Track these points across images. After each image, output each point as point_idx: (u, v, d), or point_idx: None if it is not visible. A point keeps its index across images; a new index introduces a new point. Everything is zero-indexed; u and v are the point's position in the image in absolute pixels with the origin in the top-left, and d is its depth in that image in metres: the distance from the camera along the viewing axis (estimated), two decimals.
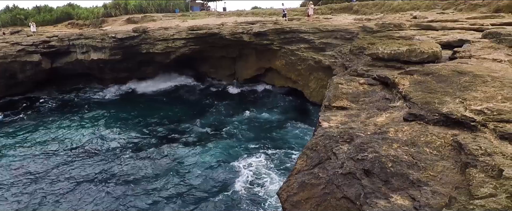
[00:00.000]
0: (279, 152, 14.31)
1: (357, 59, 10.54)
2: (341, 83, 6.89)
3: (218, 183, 12.10)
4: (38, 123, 18.99)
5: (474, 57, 7.07)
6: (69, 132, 17.50)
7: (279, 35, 19.17)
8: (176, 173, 12.84)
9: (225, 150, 14.86)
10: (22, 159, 14.41)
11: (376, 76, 6.90)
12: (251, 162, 13.48)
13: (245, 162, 13.46)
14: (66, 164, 13.85)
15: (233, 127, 17.55)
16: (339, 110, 5.87)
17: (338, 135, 4.69)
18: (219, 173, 12.71)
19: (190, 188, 11.86)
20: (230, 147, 15.13)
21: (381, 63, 7.64)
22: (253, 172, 12.66)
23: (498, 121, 4.05)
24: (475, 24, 11.80)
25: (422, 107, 4.90)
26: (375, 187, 3.63)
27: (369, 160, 3.95)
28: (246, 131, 16.94)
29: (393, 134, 4.49)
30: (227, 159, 13.94)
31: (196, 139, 16.23)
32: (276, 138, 15.81)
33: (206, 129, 17.40)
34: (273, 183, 11.73)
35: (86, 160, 14.17)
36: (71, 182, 12.36)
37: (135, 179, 12.46)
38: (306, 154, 4.61)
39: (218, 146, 15.24)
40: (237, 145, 15.27)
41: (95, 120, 19.21)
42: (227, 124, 17.96)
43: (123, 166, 13.53)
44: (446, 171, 3.63)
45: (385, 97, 6.09)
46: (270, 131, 16.74)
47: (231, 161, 13.69)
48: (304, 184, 4.10)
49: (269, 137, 16.01)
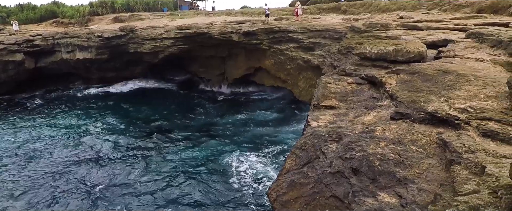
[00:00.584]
0: (272, 150, 14.34)
1: (345, 59, 10.65)
2: (329, 82, 6.94)
3: (212, 182, 12.02)
4: (18, 123, 18.53)
5: (458, 57, 7.25)
6: (52, 131, 17.09)
7: (268, 35, 19.20)
8: (167, 174, 12.69)
9: (217, 149, 14.80)
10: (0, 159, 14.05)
11: (363, 75, 6.99)
12: (244, 160, 13.47)
13: (238, 162, 13.44)
14: (46, 167, 13.50)
15: (224, 127, 17.48)
16: (327, 109, 5.92)
17: (327, 134, 4.73)
18: (213, 172, 12.63)
19: (184, 188, 11.73)
20: (222, 146, 15.07)
21: (369, 62, 7.74)
22: (247, 171, 12.64)
23: (481, 119, 4.16)
24: (459, 24, 12.10)
25: (409, 105, 4.99)
26: (363, 185, 3.67)
27: (357, 159, 3.99)
28: (237, 131, 16.89)
29: (381, 132, 4.55)
30: (218, 158, 13.89)
31: (184, 139, 16.07)
32: (267, 138, 15.82)
33: (197, 128, 17.28)
34: (266, 182, 11.74)
35: (71, 164, 13.84)
36: (51, 182, 12.10)
37: (124, 182, 12.23)
38: (295, 154, 4.63)
39: (209, 145, 15.17)
40: (229, 144, 15.22)
41: (77, 121, 18.80)
42: (217, 125, 17.87)
43: (109, 169, 13.27)
44: (431, 168, 3.71)
45: (373, 96, 6.18)
46: (262, 131, 16.75)
47: (224, 160, 13.64)
48: (293, 184, 4.12)
49: (260, 136, 16.02)
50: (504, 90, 4.78)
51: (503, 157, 3.25)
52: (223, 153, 14.61)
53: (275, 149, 14.67)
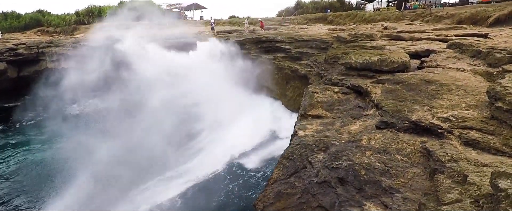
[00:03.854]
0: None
1: (331, 69, 10.78)
2: (316, 92, 7.00)
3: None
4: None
5: (440, 67, 7.46)
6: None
7: (256, 45, 19.36)
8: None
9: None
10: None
11: (350, 85, 7.08)
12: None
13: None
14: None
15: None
16: (314, 119, 5.94)
17: (314, 144, 4.74)
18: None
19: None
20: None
21: (355, 72, 7.86)
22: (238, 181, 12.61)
23: (463, 128, 4.25)
24: (440, 35, 12.49)
25: (393, 114, 5.06)
26: (349, 195, 3.67)
27: (343, 168, 4.00)
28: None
29: (366, 142, 4.59)
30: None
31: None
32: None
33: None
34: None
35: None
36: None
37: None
38: (282, 163, 4.60)
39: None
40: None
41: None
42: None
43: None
44: (416, 177, 3.74)
45: (359, 105, 6.25)
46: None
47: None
48: (280, 194, 4.08)
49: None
50: (484, 99, 4.92)
51: (484, 166, 3.32)
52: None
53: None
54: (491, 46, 7.75)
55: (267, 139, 15.81)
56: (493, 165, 3.28)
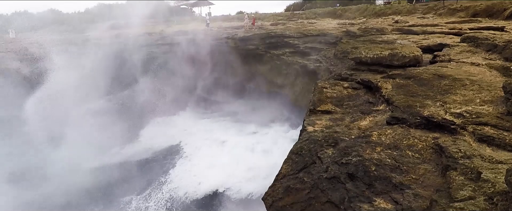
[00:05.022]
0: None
1: (341, 64, 10.67)
2: (325, 87, 6.93)
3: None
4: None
5: (453, 61, 7.28)
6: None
7: (264, 40, 19.27)
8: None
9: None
10: None
11: (359, 80, 6.99)
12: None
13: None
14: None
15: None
16: (323, 114, 5.89)
17: (323, 139, 4.70)
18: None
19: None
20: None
21: (365, 67, 7.75)
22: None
23: (477, 124, 4.15)
24: (454, 28, 12.19)
25: (404, 110, 4.98)
26: (359, 191, 3.64)
27: (353, 164, 3.96)
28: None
29: (377, 137, 4.53)
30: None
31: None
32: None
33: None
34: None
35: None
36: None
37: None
38: (291, 159, 4.58)
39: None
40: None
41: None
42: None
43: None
44: (427, 174, 3.68)
45: (369, 101, 6.17)
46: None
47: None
48: (289, 189, 4.07)
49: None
50: (499, 95, 4.78)
51: (499, 163, 3.23)
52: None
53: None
54: (508, 40, 7.52)
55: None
56: (509, 162, 3.20)
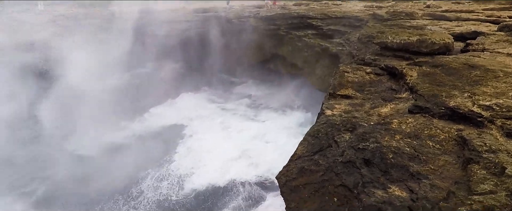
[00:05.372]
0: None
1: (365, 48, 10.32)
2: (347, 71, 6.77)
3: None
4: None
5: (487, 51, 6.87)
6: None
7: (287, 20, 18.81)
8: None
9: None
10: None
11: (383, 66, 6.76)
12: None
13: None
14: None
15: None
16: (343, 99, 5.79)
17: (341, 123, 4.65)
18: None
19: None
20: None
21: (390, 53, 7.47)
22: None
23: (507, 118, 3.96)
24: (491, 16, 11.41)
25: (429, 99, 4.80)
26: (374, 177, 3.61)
27: (370, 150, 3.91)
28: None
29: (397, 125, 4.42)
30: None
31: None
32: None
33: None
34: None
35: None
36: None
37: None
38: (307, 140, 4.59)
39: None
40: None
41: None
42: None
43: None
44: (447, 165, 3.59)
45: (391, 88, 5.99)
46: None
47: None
48: (304, 170, 4.10)
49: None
50: None
51: None
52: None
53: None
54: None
55: None
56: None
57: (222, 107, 20.06)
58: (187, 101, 20.84)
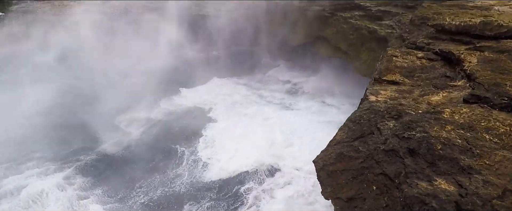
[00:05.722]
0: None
1: (418, 31, 9.52)
2: (396, 55, 6.35)
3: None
4: None
5: None
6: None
7: (332, 1, 17.96)
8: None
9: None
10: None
11: (438, 50, 6.21)
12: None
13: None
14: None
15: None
16: (390, 84, 5.48)
17: (385, 110, 4.43)
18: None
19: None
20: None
21: (446, 36, 6.81)
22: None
23: None
24: None
25: (489, 88, 4.35)
26: (419, 167, 3.43)
27: (416, 140, 3.70)
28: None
29: (449, 115, 4.11)
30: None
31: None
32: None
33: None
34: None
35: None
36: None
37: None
38: (348, 126, 4.46)
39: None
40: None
41: None
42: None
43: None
44: (505, 161, 3.28)
45: (445, 74, 5.51)
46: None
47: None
48: (342, 156, 4.03)
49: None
50: None
51: None
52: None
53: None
54: None
55: None
56: None
57: (258, 93, 19.85)
58: (221, 86, 20.93)
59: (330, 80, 20.49)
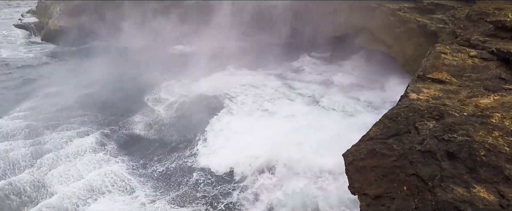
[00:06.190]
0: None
1: (473, 27, 8.75)
2: (444, 52, 5.92)
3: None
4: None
5: None
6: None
7: None
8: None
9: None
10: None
11: (494, 49, 5.68)
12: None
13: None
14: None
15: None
16: (434, 83, 5.15)
17: (426, 109, 4.21)
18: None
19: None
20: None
21: (507, 34, 6.18)
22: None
23: None
24: None
25: None
26: (456, 172, 3.25)
27: (456, 143, 3.49)
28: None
29: (498, 120, 3.80)
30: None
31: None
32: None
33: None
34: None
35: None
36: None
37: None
38: (383, 123, 4.32)
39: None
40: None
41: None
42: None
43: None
44: None
45: (500, 76, 5.05)
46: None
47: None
48: (374, 152, 3.93)
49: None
50: None
51: None
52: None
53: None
54: None
55: None
56: None
57: (289, 84, 19.47)
58: (251, 76, 20.83)
59: (367, 75, 19.56)
